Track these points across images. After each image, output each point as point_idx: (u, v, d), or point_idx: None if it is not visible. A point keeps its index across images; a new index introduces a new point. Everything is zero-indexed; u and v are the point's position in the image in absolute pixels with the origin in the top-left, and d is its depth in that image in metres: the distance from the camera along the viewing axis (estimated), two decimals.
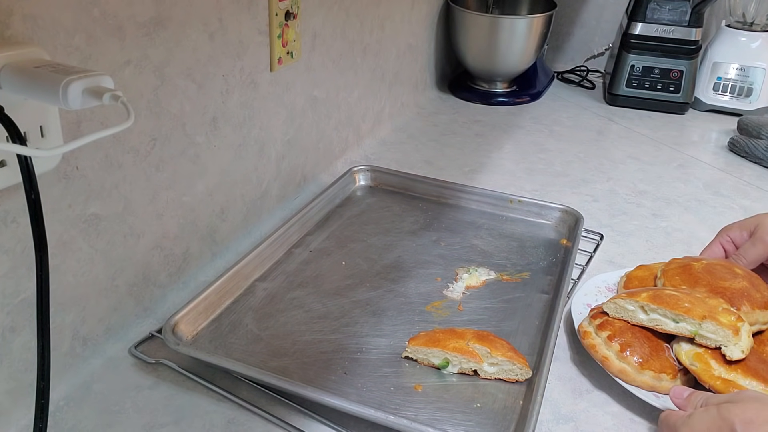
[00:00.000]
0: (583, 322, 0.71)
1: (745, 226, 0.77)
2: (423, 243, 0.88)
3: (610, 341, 0.66)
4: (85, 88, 0.46)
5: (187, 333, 0.69)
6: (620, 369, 0.64)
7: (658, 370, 0.63)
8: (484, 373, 0.65)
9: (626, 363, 0.64)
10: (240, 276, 0.77)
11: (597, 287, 0.79)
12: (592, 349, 0.67)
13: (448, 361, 0.66)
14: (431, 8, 1.37)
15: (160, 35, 0.66)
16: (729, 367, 0.61)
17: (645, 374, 0.63)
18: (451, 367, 0.66)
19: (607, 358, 0.65)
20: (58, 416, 0.61)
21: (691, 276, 0.72)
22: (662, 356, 0.65)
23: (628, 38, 1.43)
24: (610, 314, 0.69)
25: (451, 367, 0.66)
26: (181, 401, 0.63)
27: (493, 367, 0.65)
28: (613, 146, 1.26)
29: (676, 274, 0.74)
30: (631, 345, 0.65)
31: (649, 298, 0.66)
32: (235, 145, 0.83)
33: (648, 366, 0.63)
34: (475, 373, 0.66)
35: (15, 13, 0.51)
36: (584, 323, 0.71)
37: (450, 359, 0.66)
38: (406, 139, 1.25)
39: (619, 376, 0.64)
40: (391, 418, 0.57)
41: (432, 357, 0.66)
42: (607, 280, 0.80)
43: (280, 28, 0.86)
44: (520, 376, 0.65)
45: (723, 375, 0.61)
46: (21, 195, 0.47)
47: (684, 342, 0.65)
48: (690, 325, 0.64)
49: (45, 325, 0.48)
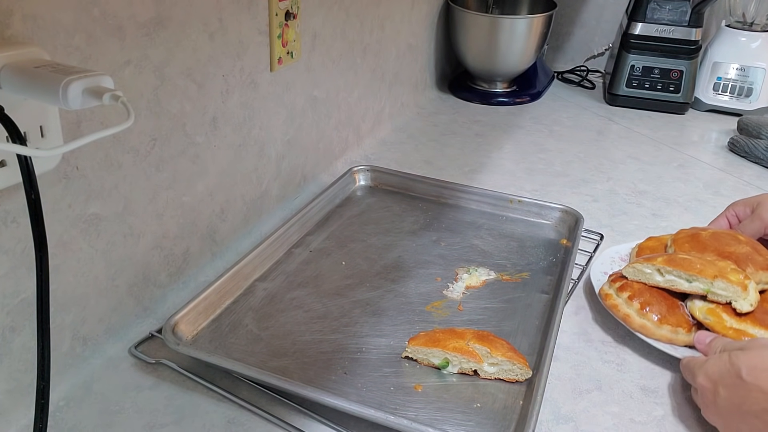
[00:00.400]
0: (604, 286, 0.77)
1: (749, 203, 0.84)
2: (423, 243, 0.88)
3: (630, 301, 0.72)
4: (85, 88, 0.46)
5: (187, 333, 0.69)
6: (641, 324, 0.71)
7: (674, 325, 0.70)
8: (484, 373, 0.65)
9: (646, 319, 0.71)
10: (240, 276, 0.77)
11: (611, 258, 0.85)
12: (614, 309, 0.73)
13: (448, 361, 0.66)
14: (431, 8, 1.37)
15: (160, 35, 0.66)
16: (739, 319, 0.68)
17: (663, 329, 0.70)
18: (451, 367, 0.66)
19: (629, 315, 0.72)
20: (58, 416, 0.61)
21: (699, 243, 0.79)
22: (677, 313, 0.71)
23: (628, 38, 1.43)
24: (629, 278, 0.75)
25: (451, 367, 0.66)
26: (181, 401, 0.63)
27: (493, 367, 0.65)
28: (613, 146, 1.26)
29: (686, 242, 0.80)
30: (649, 303, 0.72)
31: (664, 262, 0.73)
32: (235, 145, 0.83)
33: (665, 321, 0.70)
34: (475, 373, 0.66)
35: (15, 13, 0.51)
36: (605, 287, 0.77)
37: (450, 359, 0.66)
38: (406, 139, 1.25)
39: (640, 331, 0.71)
40: (391, 418, 0.57)
41: (432, 357, 0.66)
42: (620, 251, 0.87)
43: (280, 28, 0.86)
44: (520, 376, 0.65)
45: (734, 326, 0.68)
46: (21, 195, 0.47)
47: (697, 299, 0.72)
48: (703, 284, 0.71)
49: (45, 325, 0.48)
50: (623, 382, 0.68)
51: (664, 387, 0.68)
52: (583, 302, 0.80)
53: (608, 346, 0.73)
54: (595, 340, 0.74)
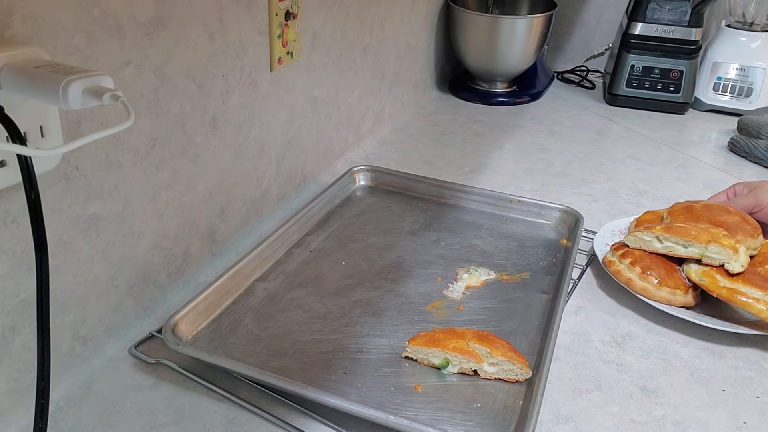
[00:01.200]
0: (607, 255, 0.83)
1: (750, 184, 0.91)
2: (423, 243, 0.88)
3: (632, 266, 0.79)
4: (85, 88, 0.46)
5: (187, 333, 0.69)
6: (643, 287, 0.77)
7: (673, 287, 0.76)
8: (484, 373, 0.65)
9: (647, 282, 0.77)
10: (240, 276, 0.77)
11: (612, 231, 0.91)
12: (617, 275, 0.80)
13: (448, 361, 0.66)
14: (431, 8, 1.37)
15: (160, 35, 0.66)
16: (731, 279, 0.75)
17: (663, 290, 0.76)
18: (451, 367, 0.66)
19: (631, 279, 0.78)
20: (58, 416, 0.61)
21: (693, 214, 0.86)
22: (675, 276, 0.78)
23: (628, 38, 1.43)
24: (630, 245, 0.81)
25: (451, 366, 0.66)
26: (181, 401, 0.63)
27: (493, 367, 0.65)
28: (613, 146, 1.26)
29: (681, 213, 0.87)
30: (650, 268, 0.78)
31: (663, 230, 0.80)
32: (235, 145, 0.83)
33: (665, 284, 0.76)
34: (475, 373, 0.66)
35: (15, 13, 0.51)
36: (608, 255, 0.83)
37: (450, 359, 0.66)
38: (406, 139, 1.25)
39: (641, 293, 0.77)
40: (391, 418, 0.57)
41: (432, 357, 0.66)
42: (620, 225, 0.93)
43: (280, 28, 0.86)
44: (520, 376, 0.65)
45: (727, 285, 0.74)
46: (21, 195, 0.47)
47: (693, 263, 0.78)
48: (698, 249, 0.77)
49: (45, 325, 0.48)
50: (623, 382, 0.68)
51: (664, 387, 0.68)
52: (583, 302, 0.80)
53: (608, 346, 0.73)
54: (595, 340, 0.74)
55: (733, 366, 0.71)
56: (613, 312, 0.79)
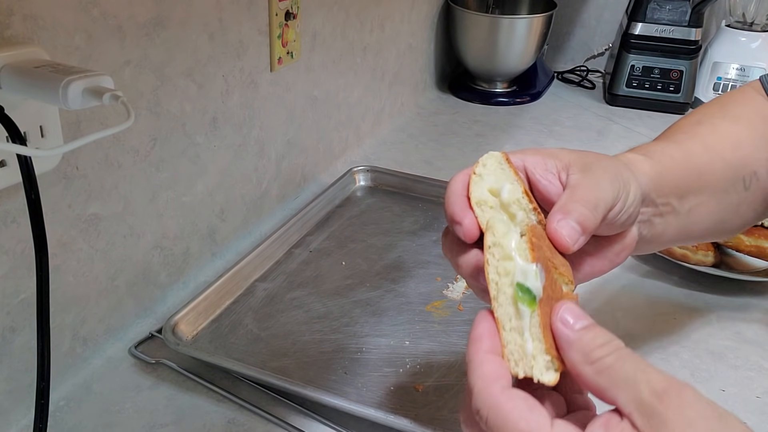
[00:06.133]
0: None
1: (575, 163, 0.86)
2: (423, 243, 0.88)
3: None
4: (85, 88, 0.46)
5: (187, 333, 0.69)
6: (683, 254, 0.84)
7: (705, 250, 0.85)
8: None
9: (685, 249, 0.84)
10: (240, 276, 0.77)
11: None
12: None
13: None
14: (431, 8, 1.37)
15: (160, 35, 0.66)
16: (755, 237, 0.84)
17: (698, 254, 0.84)
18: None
19: (671, 249, 0.84)
20: (58, 416, 0.61)
21: None
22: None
23: (628, 38, 1.43)
24: None
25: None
26: (181, 401, 0.63)
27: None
28: (613, 146, 1.26)
29: None
30: None
31: None
32: (235, 145, 0.83)
33: (699, 248, 0.85)
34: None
35: (15, 13, 0.51)
36: None
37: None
38: (406, 139, 1.25)
39: (682, 259, 0.84)
40: (391, 418, 0.57)
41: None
42: None
43: (280, 28, 0.86)
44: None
45: (752, 242, 0.84)
46: (21, 195, 0.47)
47: None
48: None
49: (45, 325, 0.48)
50: None
51: None
52: (582, 302, 0.80)
53: None
54: None
55: (733, 366, 0.71)
56: (613, 311, 0.79)
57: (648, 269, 0.87)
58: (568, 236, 0.40)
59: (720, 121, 0.55)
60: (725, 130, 0.54)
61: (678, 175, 0.49)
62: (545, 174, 0.44)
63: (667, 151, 0.50)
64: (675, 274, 0.86)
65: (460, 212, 0.42)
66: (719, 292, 0.83)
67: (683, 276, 0.85)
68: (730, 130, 0.54)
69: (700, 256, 0.85)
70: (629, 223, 0.45)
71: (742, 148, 0.53)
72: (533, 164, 0.45)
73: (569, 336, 0.35)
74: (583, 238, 0.41)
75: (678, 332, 0.76)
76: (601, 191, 0.42)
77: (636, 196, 0.44)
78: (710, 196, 0.51)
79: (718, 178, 0.52)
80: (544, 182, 0.44)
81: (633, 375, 0.33)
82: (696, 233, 0.53)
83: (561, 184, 0.44)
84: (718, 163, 0.52)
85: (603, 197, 0.42)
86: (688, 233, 0.52)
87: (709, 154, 0.52)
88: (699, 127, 0.54)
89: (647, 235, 0.49)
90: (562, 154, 0.45)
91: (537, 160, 0.45)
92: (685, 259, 0.85)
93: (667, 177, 0.49)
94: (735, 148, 0.53)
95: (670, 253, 0.85)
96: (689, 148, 0.52)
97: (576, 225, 0.41)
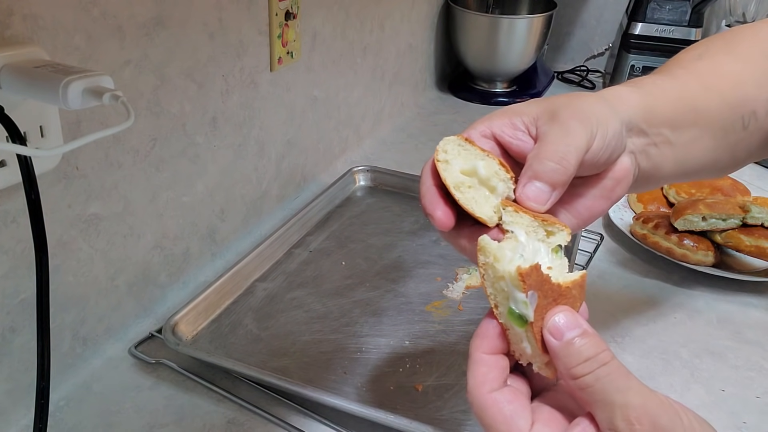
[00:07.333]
0: (635, 228, 0.90)
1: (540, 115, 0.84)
2: (423, 243, 0.88)
3: (668, 236, 0.86)
4: (85, 88, 0.46)
5: (187, 333, 0.69)
6: (683, 254, 0.85)
7: (705, 249, 0.85)
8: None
9: (685, 249, 0.85)
10: (240, 276, 0.77)
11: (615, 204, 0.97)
12: (656, 246, 0.87)
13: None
14: (431, 8, 1.37)
15: (160, 35, 0.66)
16: (754, 237, 0.84)
17: (698, 254, 0.84)
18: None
19: (671, 248, 0.85)
20: (58, 416, 0.61)
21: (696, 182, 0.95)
22: (704, 240, 0.86)
23: (628, 38, 1.43)
24: (679, 228, 0.87)
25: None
26: (181, 401, 0.63)
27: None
28: None
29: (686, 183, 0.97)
30: (684, 236, 0.87)
31: (706, 208, 0.87)
32: (235, 145, 0.83)
33: (699, 248, 0.85)
34: None
35: (15, 13, 0.51)
36: (637, 229, 0.90)
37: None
38: (406, 139, 1.25)
39: (682, 259, 0.85)
40: (391, 418, 0.57)
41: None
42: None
43: (280, 28, 0.86)
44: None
45: (752, 243, 0.84)
46: (21, 195, 0.47)
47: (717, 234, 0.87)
48: (736, 219, 0.86)
49: (45, 325, 0.48)
50: None
51: (664, 387, 0.67)
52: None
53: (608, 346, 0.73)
54: None
55: (733, 366, 0.71)
56: (613, 311, 0.79)
57: (648, 269, 0.87)
58: (535, 199, 0.41)
59: (723, 56, 0.53)
60: (727, 67, 0.52)
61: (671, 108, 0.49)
62: (514, 134, 0.44)
63: (659, 83, 0.49)
64: (675, 274, 0.86)
65: (429, 205, 0.44)
66: (719, 292, 0.83)
67: (683, 276, 0.85)
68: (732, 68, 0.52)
69: (700, 256, 0.84)
70: (614, 157, 0.45)
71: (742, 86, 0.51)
72: (500, 128, 0.45)
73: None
74: (556, 193, 0.42)
75: (678, 332, 0.76)
76: (571, 136, 0.41)
77: (616, 130, 0.44)
78: (707, 133, 0.51)
79: (714, 116, 0.51)
80: (516, 142, 0.44)
81: (611, 398, 0.35)
82: (691, 169, 0.52)
83: (533, 138, 0.44)
84: (715, 99, 0.50)
85: (574, 142, 0.41)
86: (684, 169, 0.51)
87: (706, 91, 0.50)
88: (699, 62, 0.53)
89: (646, 167, 0.49)
90: (528, 108, 0.45)
91: (504, 122, 0.45)
92: (685, 259, 0.84)
93: (658, 108, 0.48)
94: (734, 86, 0.51)
95: (670, 253, 0.85)
96: (685, 83, 0.50)
97: (542, 185, 0.41)
